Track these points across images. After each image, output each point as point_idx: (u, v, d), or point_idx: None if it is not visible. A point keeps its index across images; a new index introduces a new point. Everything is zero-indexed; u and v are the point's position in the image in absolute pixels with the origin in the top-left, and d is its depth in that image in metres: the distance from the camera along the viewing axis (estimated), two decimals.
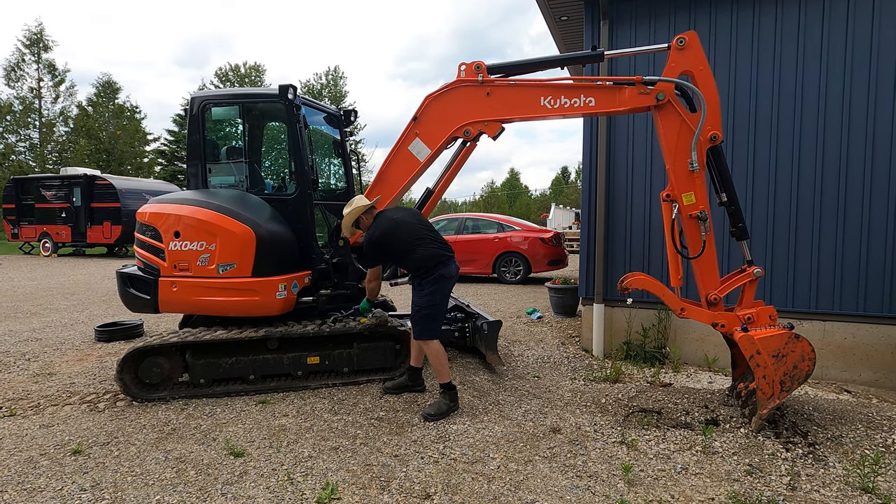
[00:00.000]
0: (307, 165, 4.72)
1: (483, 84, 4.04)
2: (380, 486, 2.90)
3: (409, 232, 3.94)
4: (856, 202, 4.77)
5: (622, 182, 5.56)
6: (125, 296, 4.67)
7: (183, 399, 4.21)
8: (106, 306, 8.62)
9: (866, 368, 4.84)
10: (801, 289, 4.98)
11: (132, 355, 4.15)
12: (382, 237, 3.97)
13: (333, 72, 41.64)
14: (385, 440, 3.46)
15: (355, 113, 5.81)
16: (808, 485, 2.92)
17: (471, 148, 4.31)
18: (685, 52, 3.65)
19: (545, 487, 2.89)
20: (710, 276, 3.78)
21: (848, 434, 3.53)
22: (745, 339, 3.51)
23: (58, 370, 5.12)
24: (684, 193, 3.70)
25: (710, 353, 5.19)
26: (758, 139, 5.06)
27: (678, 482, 2.94)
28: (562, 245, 11.86)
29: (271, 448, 3.34)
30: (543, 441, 3.47)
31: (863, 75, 4.70)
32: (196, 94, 4.96)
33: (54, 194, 18.85)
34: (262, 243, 4.35)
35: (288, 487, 2.87)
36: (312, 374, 4.54)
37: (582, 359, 5.57)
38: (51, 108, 34.08)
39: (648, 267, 5.41)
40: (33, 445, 3.40)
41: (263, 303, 4.38)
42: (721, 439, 3.45)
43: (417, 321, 3.94)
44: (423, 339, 3.95)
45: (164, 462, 3.16)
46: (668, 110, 3.73)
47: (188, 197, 4.60)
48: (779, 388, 3.46)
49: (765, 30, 4.97)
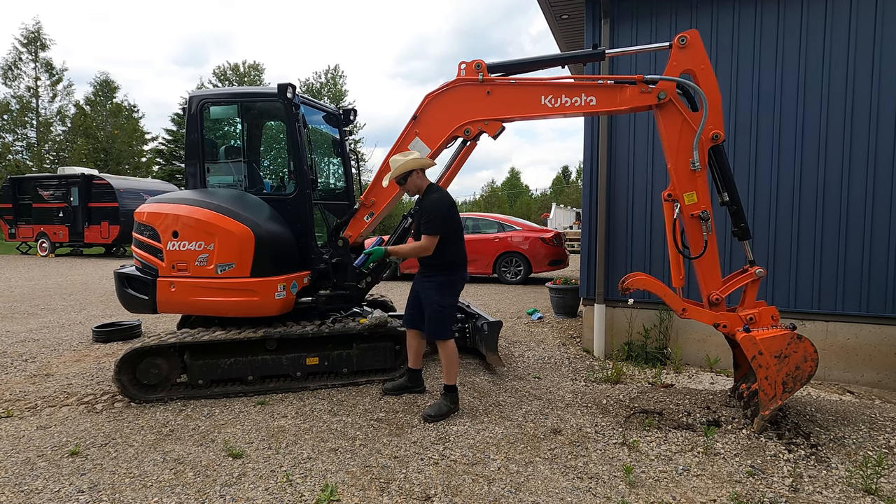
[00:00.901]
0: (306, 165, 4.70)
1: (483, 83, 4.03)
2: (379, 487, 2.88)
3: (459, 220, 3.90)
4: (859, 201, 4.74)
5: (623, 181, 5.54)
6: (123, 296, 4.66)
7: (181, 400, 4.19)
8: (104, 307, 8.62)
9: (869, 369, 4.82)
10: (804, 289, 4.95)
11: (130, 356, 4.13)
12: (450, 209, 3.80)
13: (333, 71, 41.65)
14: (385, 441, 3.44)
15: (355, 112, 5.81)
16: (811, 486, 2.90)
17: (471, 147, 4.30)
18: (687, 50, 3.63)
19: (546, 489, 2.87)
20: (711, 276, 3.77)
21: (851, 435, 3.52)
22: (748, 339, 3.50)
23: (55, 371, 5.10)
24: (686, 193, 3.69)
25: (712, 354, 5.17)
26: (760, 138, 5.03)
27: (680, 484, 2.93)
28: (562, 245, 11.84)
29: (270, 449, 3.32)
30: (544, 442, 3.45)
31: (865, 74, 4.67)
32: (194, 93, 4.96)
33: (52, 194, 18.80)
34: (260, 243, 4.33)
35: (287, 489, 2.85)
36: (311, 374, 4.52)
37: (583, 359, 5.56)
38: (48, 107, 33.87)
39: (650, 267, 5.39)
40: (30, 447, 3.38)
41: (262, 303, 4.36)
42: (723, 440, 3.43)
43: (439, 321, 3.84)
44: (442, 338, 3.86)
45: (162, 463, 3.15)
46: (669, 109, 3.71)
47: (186, 196, 4.59)
48: (781, 389, 3.44)
49: (767, 28, 4.95)
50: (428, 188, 3.91)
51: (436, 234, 3.75)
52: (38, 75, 33.25)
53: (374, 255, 3.84)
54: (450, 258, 3.85)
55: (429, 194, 3.87)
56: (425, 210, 3.78)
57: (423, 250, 3.78)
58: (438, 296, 3.84)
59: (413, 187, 3.88)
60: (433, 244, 3.75)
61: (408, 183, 3.87)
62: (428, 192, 3.89)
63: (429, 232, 3.75)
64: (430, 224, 3.75)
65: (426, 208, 3.78)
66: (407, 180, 3.86)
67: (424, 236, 3.77)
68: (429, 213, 3.75)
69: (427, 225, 3.75)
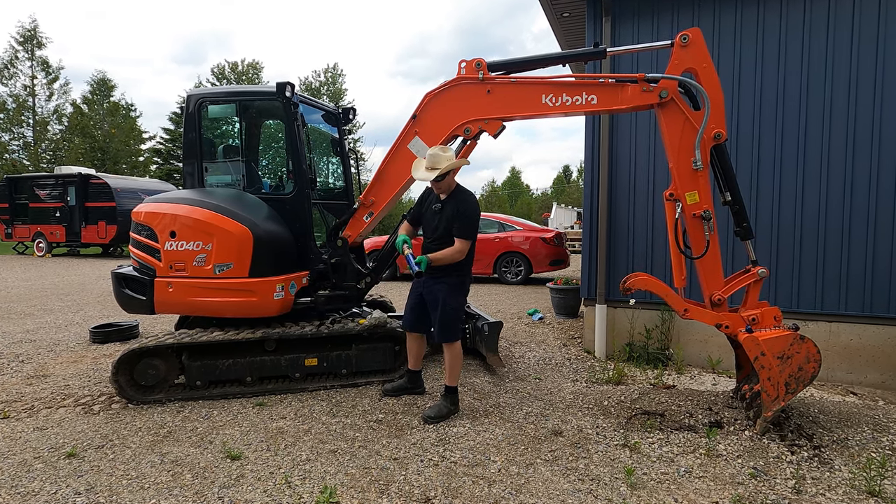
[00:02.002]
0: (305, 164, 4.68)
1: (483, 81, 4.01)
2: (379, 489, 2.87)
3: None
4: (862, 201, 4.72)
5: (625, 181, 5.52)
6: (120, 296, 4.63)
7: (179, 401, 4.17)
8: (101, 307, 8.60)
9: (873, 370, 4.80)
10: (807, 289, 4.93)
11: (127, 357, 4.11)
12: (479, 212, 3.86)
13: (332, 69, 41.58)
14: (384, 443, 3.43)
15: (354, 111, 5.80)
16: (814, 488, 2.89)
17: (471, 146, 4.27)
18: (689, 48, 3.61)
19: (546, 491, 2.85)
20: (713, 276, 3.75)
21: (854, 437, 3.50)
22: (750, 340, 3.48)
23: (52, 372, 5.08)
24: (688, 192, 3.67)
25: (714, 355, 5.16)
26: (762, 137, 5.02)
27: (682, 486, 2.91)
28: (563, 245, 11.81)
29: (269, 451, 3.31)
30: (545, 444, 3.44)
31: (868, 74, 4.66)
32: (192, 91, 4.93)
33: (48, 193, 18.71)
34: (259, 243, 4.31)
35: (286, 491, 2.84)
36: (310, 375, 4.50)
37: (584, 360, 5.54)
38: (45, 106, 33.57)
39: (651, 267, 5.37)
40: (27, 448, 3.36)
41: (261, 304, 4.34)
42: (725, 442, 3.41)
43: (451, 323, 3.82)
44: (451, 341, 3.84)
45: (159, 465, 3.13)
46: (671, 108, 3.69)
47: (184, 196, 4.56)
48: (784, 390, 3.43)
49: (769, 27, 4.93)
50: (458, 188, 3.86)
51: (473, 239, 3.76)
52: (34, 74, 32.97)
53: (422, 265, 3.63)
54: (467, 260, 3.83)
55: (462, 196, 3.81)
56: (464, 214, 3.72)
57: (460, 255, 3.73)
58: (451, 298, 3.81)
59: (446, 185, 3.79)
60: (468, 248, 3.74)
61: (444, 180, 3.74)
62: (459, 193, 3.82)
63: (467, 237, 3.72)
64: (470, 229, 3.74)
65: (466, 212, 3.72)
66: (445, 178, 3.74)
67: (461, 240, 3.71)
68: (468, 217, 3.73)
69: (466, 230, 3.72)
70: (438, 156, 3.69)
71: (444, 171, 3.68)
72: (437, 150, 3.74)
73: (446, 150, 3.75)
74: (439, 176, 3.68)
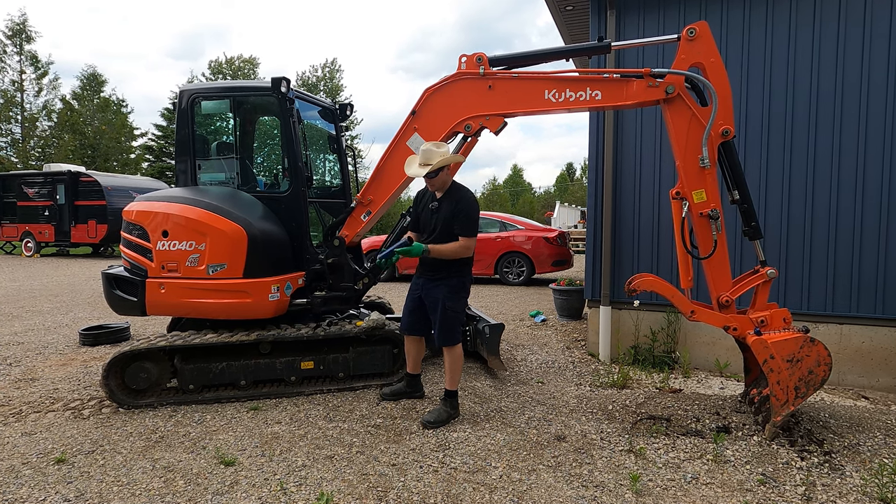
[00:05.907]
0: (301, 162, 4.64)
1: (485, 77, 3.95)
2: (377, 496, 2.85)
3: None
4: (874, 199, 4.65)
5: (630, 179, 5.47)
6: (111, 298, 4.59)
7: (171, 406, 4.14)
8: (91, 309, 8.55)
9: (885, 374, 4.73)
10: (817, 290, 4.86)
11: (118, 360, 4.07)
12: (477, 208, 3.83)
13: (330, 64, 41.33)
14: (382, 448, 3.40)
15: (351, 107, 5.76)
16: (824, 495, 2.87)
17: (472, 143, 4.22)
18: (696, 43, 3.56)
19: (549, 498, 2.83)
20: (721, 277, 3.71)
21: (865, 442, 3.48)
22: (758, 342, 3.45)
23: (41, 375, 5.04)
24: (695, 191, 3.63)
25: (722, 358, 5.10)
26: (771, 134, 4.95)
27: (688, 492, 2.89)
28: (567, 245, 11.76)
29: (263, 457, 3.29)
30: (548, 449, 3.41)
31: (881, 68, 4.59)
32: (185, 87, 4.91)
33: (37, 192, 18.48)
34: (253, 243, 4.26)
35: (281, 498, 2.83)
36: (306, 379, 4.47)
37: (588, 363, 5.51)
38: (33, 102, 32.79)
39: (657, 268, 5.32)
40: (15, 454, 3.34)
41: (255, 305, 4.30)
42: (733, 447, 3.39)
43: (452, 326, 3.78)
44: (451, 344, 3.81)
45: (151, 471, 3.12)
46: (677, 104, 3.65)
47: (177, 194, 4.52)
48: (793, 395, 3.40)
49: (779, 20, 4.87)
50: (454, 185, 3.83)
51: (475, 235, 3.75)
52: (23, 69, 32.16)
53: (413, 250, 3.61)
54: (464, 260, 3.79)
55: (459, 193, 3.79)
56: (463, 211, 3.70)
57: (466, 252, 3.73)
58: (452, 300, 3.78)
59: (440, 182, 3.76)
60: (473, 246, 3.74)
61: (438, 177, 3.71)
62: (455, 191, 3.80)
63: (469, 234, 3.71)
64: (471, 226, 3.73)
65: (465, 210, 3.70)
66: (439, 174, 3.71)
67: (465, 238, 3.70)
68: (468, 214, 3.71)
69: (467, 227, 3.71)
70: (431, 151, 3.65)
71: (438, 168, 3.65)
72: (431, 145, 3.71)
73: (440, 146, 3.72)
74: (432, 172, 3.65)
